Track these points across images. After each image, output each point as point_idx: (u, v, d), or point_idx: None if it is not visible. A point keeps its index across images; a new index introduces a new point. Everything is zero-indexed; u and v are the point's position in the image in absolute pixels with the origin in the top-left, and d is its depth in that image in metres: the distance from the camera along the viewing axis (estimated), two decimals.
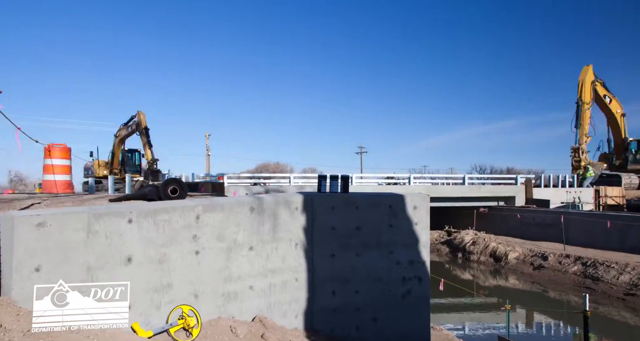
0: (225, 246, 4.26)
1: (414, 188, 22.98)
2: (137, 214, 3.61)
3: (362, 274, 5.14)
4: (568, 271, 14.85)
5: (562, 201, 21.91)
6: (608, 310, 12.05)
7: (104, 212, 3.38)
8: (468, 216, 23.84)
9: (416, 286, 5.30)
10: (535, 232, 20.14)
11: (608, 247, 16.49)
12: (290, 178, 23.81)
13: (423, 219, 5.39)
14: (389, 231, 5.25)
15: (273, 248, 4.69)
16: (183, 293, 3.90)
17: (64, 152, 9.38)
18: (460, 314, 13.02)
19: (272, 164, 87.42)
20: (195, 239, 4.02)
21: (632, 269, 13.01)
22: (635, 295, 12.19)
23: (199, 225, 4.06)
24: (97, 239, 3.30)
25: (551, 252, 16.59)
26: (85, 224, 3.24)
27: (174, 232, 3.86)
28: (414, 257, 5.32)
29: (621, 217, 16.78)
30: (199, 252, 4.04)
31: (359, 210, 5.19)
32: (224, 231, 4.26)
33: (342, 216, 5.13)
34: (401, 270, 5.26)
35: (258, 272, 4.53)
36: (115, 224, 3.43)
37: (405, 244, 5.30)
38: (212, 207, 4.20)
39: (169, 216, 3.83)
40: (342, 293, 5.07)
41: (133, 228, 3.56)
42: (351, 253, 5.12)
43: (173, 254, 3.82)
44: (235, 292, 4.32)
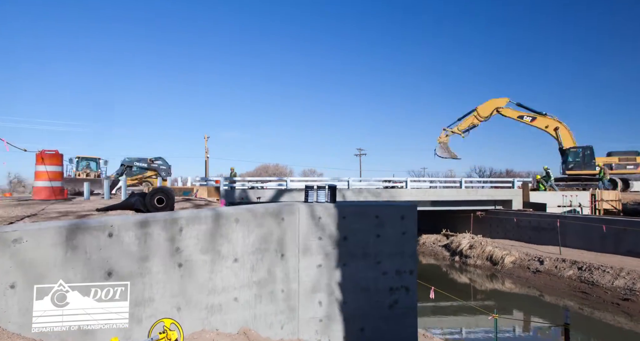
0: (209, 259, 4.24)
1: (410, 191, 22.98)
2: (118, 228, 3.59)
3: (348, 284, 5.12)
4: (564, 276, 14.84)
5: (558, 204, 21.94)
6: (603, 316, 12.03)
7: (83, 226, 3.37)
8: (465, 219, 23.86)
9: (403, 296, 5.28)
10: (532, 236, 20.17)
11: (604, 251, 16.55)
12: (287, 181, 23.79)
13: (410, 229, 5.38)
14: (376, 241, 5.24)
15: (258, 259, 4.67)
16: (165, 307, 3.88)
17: (56, 159, 9.36)
18: (451, 321, 12.96)
19: (271, 166, 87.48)
20: (178, 251, 4.01)
21: (627, 274, 13.00)
22: (629, 300, 12.17)
23: (182, 238, 4.05)
24: (76, 254, 3.29)
25: (547, 256, 16.58)
26: (63, 239, 3.23)
27: (156, 245, 3.84)
28: (402, 267, 5.30)
29: (617, 221, 16.80)
30: (182, 265, 4.03)
31: (346, 220, 5.18)
32: (208, 243, 4.25)
33: (329, 226, 5.12)
34: (388, 280, 5.25)
35: (243, 283, 4.51)
36: (94, 238, 3.42)
37: (393, 254, 5.29)
38: (196, 219, 4.19)
39: (151, 229, 3.82)
40: (329, 304, 5.05)
41: (113, 242, 3.54)
42: (338, 263, 5.11)
43: (155, 268, 3.81)
44: (220, 304, 4.30)
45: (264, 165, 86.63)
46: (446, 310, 13.45)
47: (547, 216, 19.92)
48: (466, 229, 23.79)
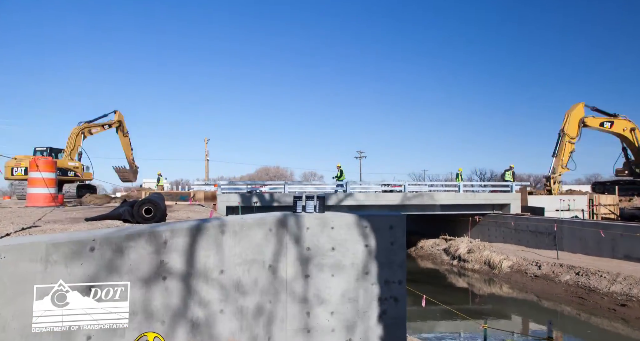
0: (194, 271, 4.23)
1: (409, 195, 22.96)
2: (101, 242, 3.58)
3: (336, 295, 5.10)
4: (561, 281, 14.80)
5: (556, 208, 21.91)
6: (600, 321, 11.99)
7: (63, 241, 3.36)
8: (464, 223, 23.84)
9: (392, 307, 5.26)
10: (530, 240, 20.15)
11: (601, 255, 16.54)
12: (284, 185, 23.75)
13: (399, 239, 5.35)
14: (364, 251, 5.22)
15: (245, 270, 4.66)
16: (149, 321, 3.86)
17: (49, 165, 9.36)
18: (442, 329, 12.88)
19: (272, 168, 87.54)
20: (163, 265, 3.99)
21: (624, 280, 12.96)
22: (626, 306, 12.13)
23: (167, 251, 4.03)
24: (56, 270, 3.27)
25: (545, 261, 16.55)
26: (43, 255, 3.22)
27: (139, 258, 3.83)
28: (390, 277, 5.28)
29: (614, 226, 16.78)
30: (166, 278, 4.01)
31: (334, 230, 5.16)
32: (193, 255, 4.23)
33: (317, 237, 5.10)
34: (377, 291, 5.22)
35: (229, 296, 4.49)
36: (75, 253, 3.40)
37: (381, 264, 5.27)
38: (181, 231, 4.18)
39: (134, 243, 3.80)
40: (317, 315, 5.03)
41: (95, 256, 3.53)
42: (326, 274, 5.09)
43: (138, 282, 3.79)
44: (205, 317, 4.29)
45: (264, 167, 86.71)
46: (437, 318, 13.36)
47: (544, 220, 19.90)
48: (465, 233, 23.77)
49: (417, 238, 27.17)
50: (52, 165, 9.60)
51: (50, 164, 9.51)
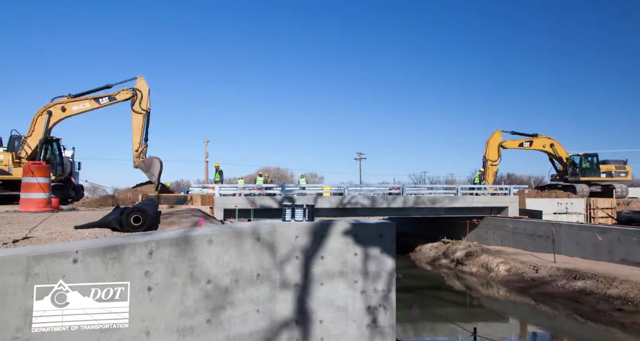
0: (180, 281, 4.22)
1: (407, 198, 22.92)
2: (84, 254, 3.57)
3: (326, 303, 5.09)
4: (558, 284, 14.75)
5: (554, 211, 21.90)
6: (596, 326, 11.95)
7: (45, 253, 3.35)
8: (463, 225, 23.80)
9: (381, 315, 5.25)
10: (527, 243, 20.11)
11: (598, 259, 16.51)
12: (282, 187, 23.70)
13: (389, 247, 5.35)
14: (354, 260, 5.21)
15: (233, 280, 4.65)
16: (133, 331, 3.85)
17: (43, 170, 9.35)
18: (432, 335, 12.80)
19: (272, 169, 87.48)
20: (148, 275, 3.99)
21: (620, 284, 12.93)
22: (622, 310, 12.09)
23: (152, 261, 4.03)
24: (37, 282, 3.26)
25: (542, 264, 16.50)
26: (24, 267, 3.21)
27: (123, 269, 3.82)
28: (380, 286, 5.27)
29: (611, 230, 16.75)
30: (151, 288, 4.00)
31: (323, 239, 5.15)
32: (179, 265, 4.22)
33: (306, 245, 5.09)
34: (366, 299, 5.21)
35: (216, 305, 4.48)
36: (57, 265, 3.40)
37: (371, 272, 5.26)
38: (167, 242, 4.17)
39: (118, 254, 3.80)
40: (306, 323, 5.02)
41: (78, 268, 3.52)
42: (315, 283, 5.09)
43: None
44: (191, 327, 4.27)
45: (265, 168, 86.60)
46: (429, 325, 13.25)
47: (542, 223, 19.86)
48: (463, 236, 23.74)
49: (415, 240, 27.11)
50: (46, 170, 9.59)
51: (44, 169, 9.49)
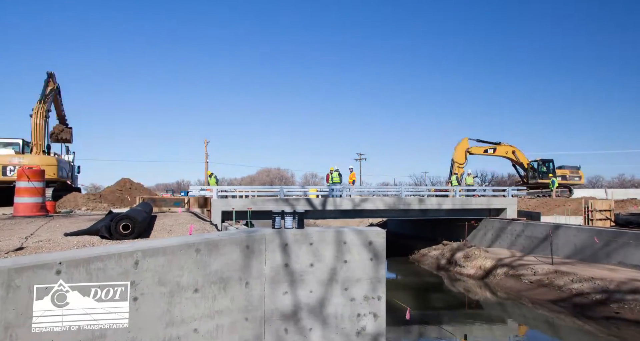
0: (167, 291, 4.20)
1: (405, 199, 22.91)
2: (67, 265, 3.56)
3: (315, 311, 5.08)
4: (555, 287, 14.73)
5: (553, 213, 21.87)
6: (593, 330, 11.92)
7: (27, 265, 3.34)
8: (461, 227, 23.79)
9: (371, 323, 5.23)
10: (525, 244, 20.08)
11: (595, 261, 16.48)
12: (281, 189, 23.68)
13: (379, 254, 5.33)
14: (343, 267, 5.20)
15: (221, 288, 4.63)
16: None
17: (38, 175, 9.34)
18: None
19: (273, 170, 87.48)
20: (134, 285, 3.97)
21: (617, 287, 12.90)
22: (619, 314, 12.07)
23: (138, 271, 4.01)
24: (19, 295, 3.25)
25: (539, 267, 16.49)
26: (5, 280, 3.19)
27: (109, 280, 3.80)
28: (370, 293, 5.25)
29: (608, 232, 16.72)
30: (137, 298, 3.98)
31: (313, 246, 5.14)
32: (166, 274, 4.20)
33: (296, 253, 5.08)
34: (356, 307, 5.20)
35: (204, 314, 4.46)
36: (40, 277, 3.38)
37: (361, 280, 5.24)
38: (153, 251, 4.15)
39: (103, 264, 3.78)
40: (295, 331, 5.00)
41: (61, 280, 3.50)
42: (304, 291, 5.07)
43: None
44: (178, 336, 4.25)
45: (265, 169, 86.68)
46: (421, 330, 13.22)
47: (540, 225, 19.83)
48: (461, 237, 23.73)
49: (413, 242, 27.12)
50: (40, 174, 9.58)
51: (39, 173, 9.48)
